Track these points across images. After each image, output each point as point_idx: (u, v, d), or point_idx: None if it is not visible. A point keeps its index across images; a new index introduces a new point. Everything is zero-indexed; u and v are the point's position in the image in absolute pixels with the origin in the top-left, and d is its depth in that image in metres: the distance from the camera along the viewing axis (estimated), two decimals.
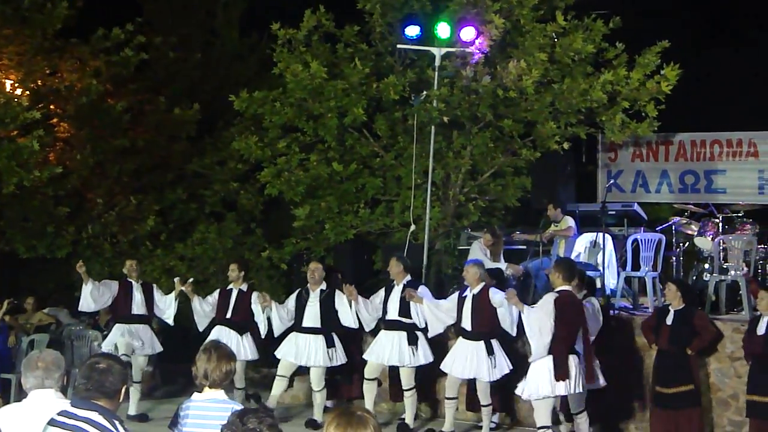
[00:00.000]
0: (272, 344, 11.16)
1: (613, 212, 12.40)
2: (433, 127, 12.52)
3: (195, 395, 5.17)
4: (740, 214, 11.91)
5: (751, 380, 9.18)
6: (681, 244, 12.32)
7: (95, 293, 11.10)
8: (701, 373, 9.82)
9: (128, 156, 15.63)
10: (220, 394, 5.07)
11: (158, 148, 15.90)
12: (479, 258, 11.40)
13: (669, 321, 9.52)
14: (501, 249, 11.76)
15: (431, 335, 10.44)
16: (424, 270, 12.17)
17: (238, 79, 15.86)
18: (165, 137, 15.88)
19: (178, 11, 17.52)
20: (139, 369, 11.17)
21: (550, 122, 12.18)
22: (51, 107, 15.10)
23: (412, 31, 12.46)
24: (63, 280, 15.08)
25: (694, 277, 11.73)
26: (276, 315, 11.00)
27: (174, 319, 11.59)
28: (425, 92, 12.50)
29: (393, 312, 10.49)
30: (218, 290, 11.59)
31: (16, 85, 14.50)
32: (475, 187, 13.38)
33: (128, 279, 11.42)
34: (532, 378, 8.54)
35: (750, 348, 9.22)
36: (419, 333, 10.39)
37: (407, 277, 10.58)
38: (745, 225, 11.58)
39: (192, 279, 11.85)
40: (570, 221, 11.86)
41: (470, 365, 9.85)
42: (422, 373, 10.63)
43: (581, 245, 11.86)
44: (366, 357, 10.65)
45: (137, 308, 11.29)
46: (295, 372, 11.15)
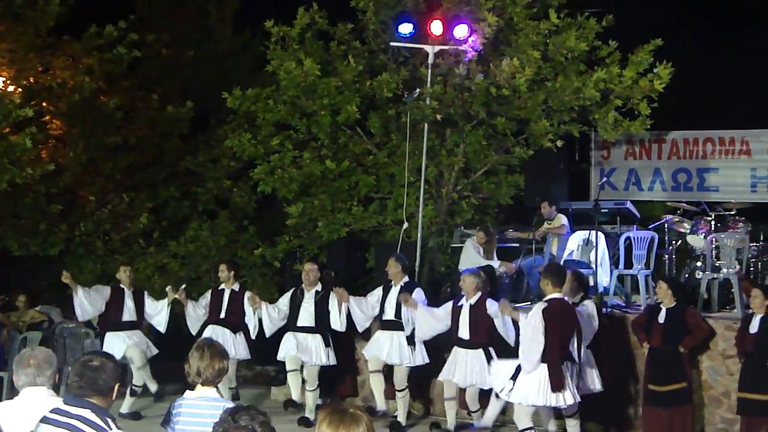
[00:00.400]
0: (264, 343, 11.15)
1: (606, 210, 12.40)
2: (426, 125, 12.52)
3: (187, 393, 5.16)
4: (732, 212, 11.95)
5: (743, 378, 9.22)
6: (673, 242, 12.34)
7: (88, 298, 11.05)
8: (693, 371, 9.84)
9: (121, 153, 15.60)
10: (213, 392, 5.07)
11: (151, 146, 15.88)
12: (473, 256, 11.41)
13: (661, 319, 9.52)
14: (494, 247, 11.77)
15: (417, 340, 10.42)
16: (417, 268, 12.18)
17: (231, 77, 15.83)
18: (158, 135, 15.86)
19: (171, 9, 17.48)
20: (138, 372, 11.13)
21: (543, 120, 12.18)
22: (43, 104, 15.06)
23: (406, 29, 12.45)
24: (55, 278, 14.92)
25: (687, 275, 11.75)
26: (266, 315, 10.98)
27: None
28: (418, 90, 12.49)
29: (390, 312, 10.48)
30: (210, 291, 11.57)
31: (9, 83, 14.46)
32: (468, 185, 13.39)
33: (120, 286, 11.35)
34: (522, 384, 8.49)
35: (742, 346, 9.25)
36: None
37: (405, 278, 10.56)
38: (738, 223, 11.61)
39: (184, 285, 11.80)
40: (563, 219, 11.88)
41: (471, 373, 9.80)
42: (415, 373, 10.65)
43: (574, 243, 11.87)
44: (365, 352, 10.66)
45: (128, 315, 11.23)
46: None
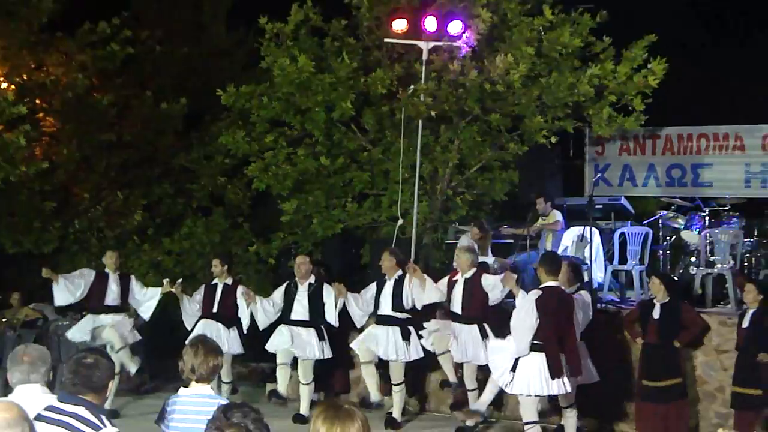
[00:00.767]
0: (258, 339, 11.13)
1: (600, 206, 12.43)
2: (421, 122, 12.51)
3: (182, 390, 5.16)
4: (726, 208, 11.97)
5: (736, 372, 9.28)
6: (668, 238, 12.37)
7: (69, 285, 11.05)
8: (688, 366, 9.88)
9: (115, 150, 15.57)
10: (207, 389, 5.06)
11: (145, 143, 15.84)
12: None
13: (656, 315, 9.54)
14: (489, 243, 11.76)
15: (419, 306, 10.44)
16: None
17: (225, 74, 15.78)
18: (152, 132, 15.81)
19: (165, 5, 17.45)
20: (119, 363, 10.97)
21: (538, 116, 12.18)
22: (37, 102, 15.03)
23: (400, 25, 12.45)
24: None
25: (681, 271, 11.78)
26: (260, 309, 10.97)
27: (156, 315, 11.50)
28: (413, 86, 12.48)
29: (386, 307, 10.48)
30: (203, 286, 11.55)
31: (2, 80, 14.44)
32: (463, 181, 13.39)
33: (105, 270, 11.36)
34: (522, 374, 8.48)
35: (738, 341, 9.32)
36: (412, 328, 10.39)
37: (399, 272, 10.56)
38: (732, 218, 11.64)
39: (181, 279, 11.79)
40: (558, 215, 11.89)
41: (466, 349, 9.86)
42: (411, 368, 10.67)
43: (568, 239, 11.89)
44: (354, 345, 10.67)
45: (111, 299, 11.21)
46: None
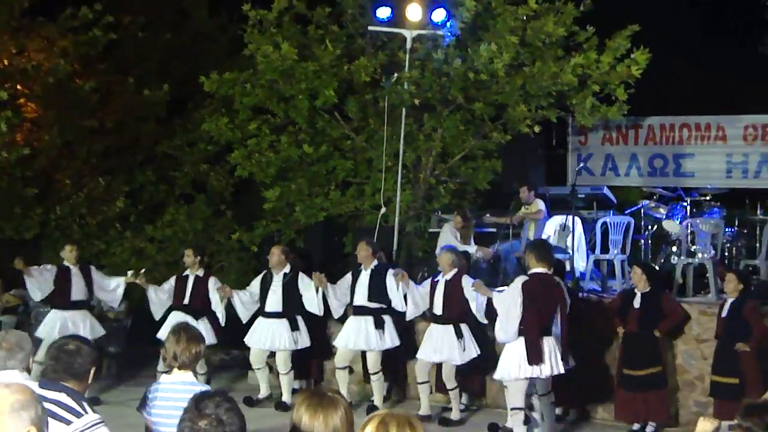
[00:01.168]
0: (240, 327, 11.11)
1: (583, 195, 12.47)
2: (404, 110, 12.52)
3: (163, 377, 5.16)
4: (708, 198, 12.04)
5: (715, 361, 9.35)
6: (649, 228, 12.42)
7: (40, 279, 10.83)
8: (668, 355, 9.94)
9: (97, 137, 15.47)
10: (189, 376, 5.06)
11: (127, 129, 15.75)
12: (450, 240, 11.43)
13: (636, 304, 9.60)
14: (471, 232, 11.79)
15: (408, 318, 10.48)
16: (395, 252, 12.19)
17: (208, 60, 15.70)
18: (134, 118, 15.72)
19: None
20: None
21: (521, 105, 12.20)
22: (18, 87, 14.89)
23: (383, 13, 12.44)
24: (31, 262, 14.92)
25: (662, 260, 11.84)
26: (239, 302, 10.92)
27: (136, 302, 11.42)
28: (396, 74, 12.48)
29: (361, 298, 10.47)
30: (174, 276, 11.44)
31: None
32: (446, 170, 13.40)
33: (66, 264, 11.08)
34: (504, 359, 8.57)
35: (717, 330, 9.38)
36: (386, 317, 10.40)
37: (375, 262, 10.56)
38: (713, 208, 11.71)
39: (143, 270, 11.62)
40: (540, 204, 11.92)
41: (441, 349, 9.92)
42: (392, 357, 10.68)
43: (551, 228, 11.92)
44: (335, 344, 10.67)
45: (76, 294, 10.96)
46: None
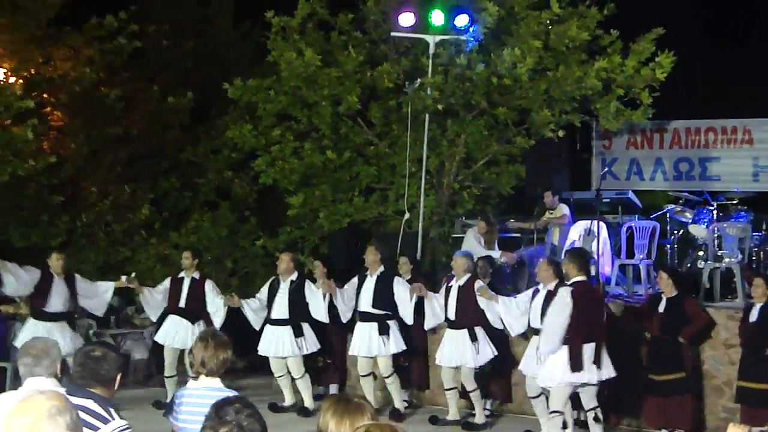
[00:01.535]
0: (234, 331, 11.03)
1: (608, 200, 12.40)
2: (428, 115, 12.52)
3: (190, 383, 5.17)
4: (735, 202, 11.93)
5: (743, 367, 9.27)
6: (675, 232, 12.32)
7: (16, 275, 10.29)
8: (695, 361, 9.85)
9: (122, 144, 15.60)
10: (216, 382, 5.06)
11: (152, 137, 15.86)
12: (474, 246, 11.41)
13: (661, 309, 9.54)
14: (495, 237, 11.76)
15: (427, 328, 10.45)
16: (419, 258, 12.16)
17: (232, 67, 15.80)
18: (159, 126, 15.84)
19: None
20: None
21: (545, 110, 12.16)
22: (44, 96, 15.06)
23: (406, 19, 12.44)
24: None
25: (689, 265, 11.74)
26: (248, 309, 10.90)
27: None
28: (419, 80, 12.48)
29: (365, 304, 10.44)
30: (169, 278, 11.38)
31: (10, 74, 14.46)
32: (470, 175, 13.38)
33: (50, 271, 10.56)
34: (548, 367, 8.67)
35: (743, 335, 9.28)
36: (391, 322, 10.34)
37: (381, 268, 10.51)
38: (740, 212, 11.60)
39: (134, 274, 11.46)
40: (565, 209, 11.88)
41: (455, 352, 9.95)
42: (417, 362, 10.68)
43: (576, 233, 11.86)
44: (351, 353, 10.66)
45: (54, 305, 10.46)
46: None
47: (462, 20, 12.18)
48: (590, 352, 8.53)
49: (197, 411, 4.88)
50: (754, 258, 11.61)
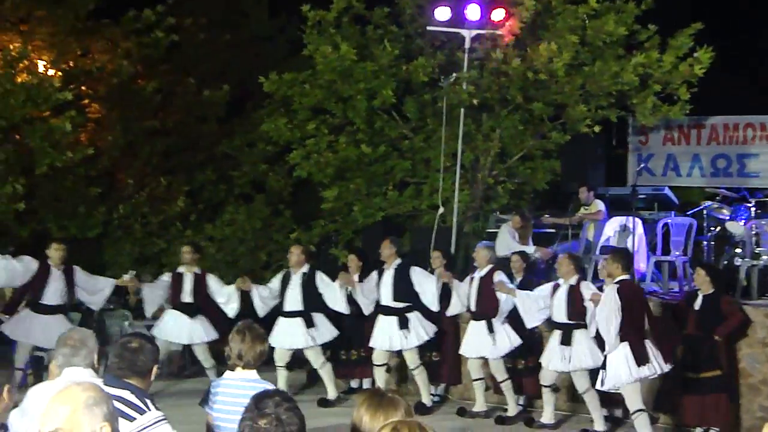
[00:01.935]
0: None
1: (644, 196, 12.33)
2: (463, 110, 12.49)
3: (227, 373, 5.21)
4: None
5: None
6: (712, 229, 12.20)
7: (9, 266, 10.16)
8: (732, 359, 9.75)
9: (158, 137, 15.74)
10: (253, 374, 5.10)
11: (188, 130, 15.99)
12: (508, 241, 11.38)
13: (697, 306, 9.45)
14: (530, 232, 11.73)
15: (450, 314, 10.44)
16: (453, 253, 12.14)
17: (268, 61, 15.86)
18: (195, 119, 15.97)
19: None
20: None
21: (581, 105, 12.10)
22: (82, 88, 15.23)
23: (442, 13, 12.42)
24: (93, 260, 15.20)
25: (726, 262, 11.62)
26: (257, 296, 10.84)
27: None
28: (455, 74, 12.45)
29: (386, 297, 10.41)
30: (169, 274, 11.26)
31: (49, 66, 14.63)
32: (504, 170, 13.34)
33: (48, 263, 10.37)
34: (611, 368, 8.65)
35: None
36: (411, 315, 10.30)
37: (398, 260, 10.47)
38: None
39: (134, 272, 11.36)
40: (600, 205, 11.81)
41: (474, 344, 10.03)
42: (449, 357, 10.68)
43: (611, 229, 11.79)
44: (371, 345, 10.65)
45: (50, 298, 10.27)
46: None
47: (498, 14, 12.15)
48: (649, 345, 8.60)
49: (233, 401, 4.94)
50: None
